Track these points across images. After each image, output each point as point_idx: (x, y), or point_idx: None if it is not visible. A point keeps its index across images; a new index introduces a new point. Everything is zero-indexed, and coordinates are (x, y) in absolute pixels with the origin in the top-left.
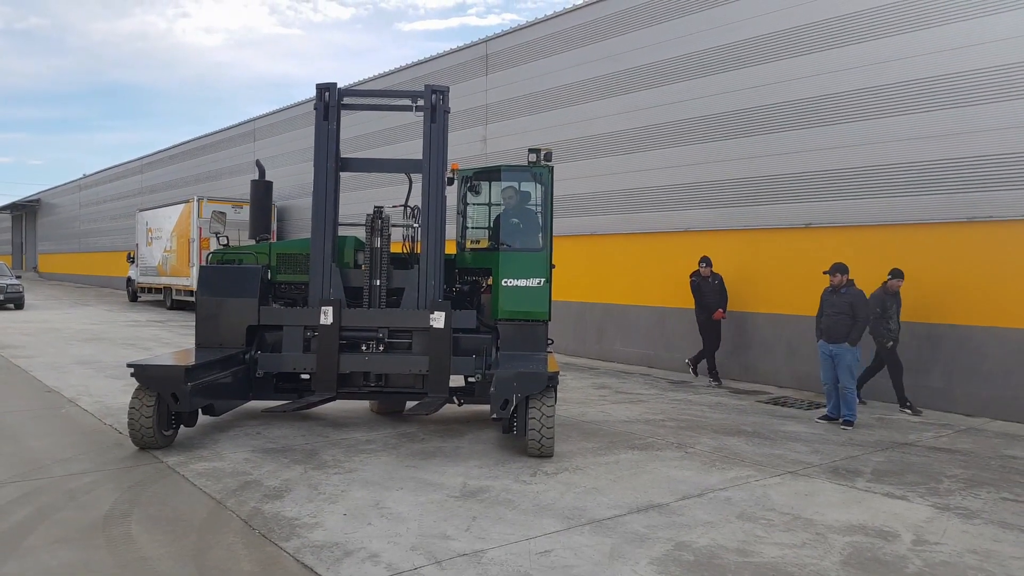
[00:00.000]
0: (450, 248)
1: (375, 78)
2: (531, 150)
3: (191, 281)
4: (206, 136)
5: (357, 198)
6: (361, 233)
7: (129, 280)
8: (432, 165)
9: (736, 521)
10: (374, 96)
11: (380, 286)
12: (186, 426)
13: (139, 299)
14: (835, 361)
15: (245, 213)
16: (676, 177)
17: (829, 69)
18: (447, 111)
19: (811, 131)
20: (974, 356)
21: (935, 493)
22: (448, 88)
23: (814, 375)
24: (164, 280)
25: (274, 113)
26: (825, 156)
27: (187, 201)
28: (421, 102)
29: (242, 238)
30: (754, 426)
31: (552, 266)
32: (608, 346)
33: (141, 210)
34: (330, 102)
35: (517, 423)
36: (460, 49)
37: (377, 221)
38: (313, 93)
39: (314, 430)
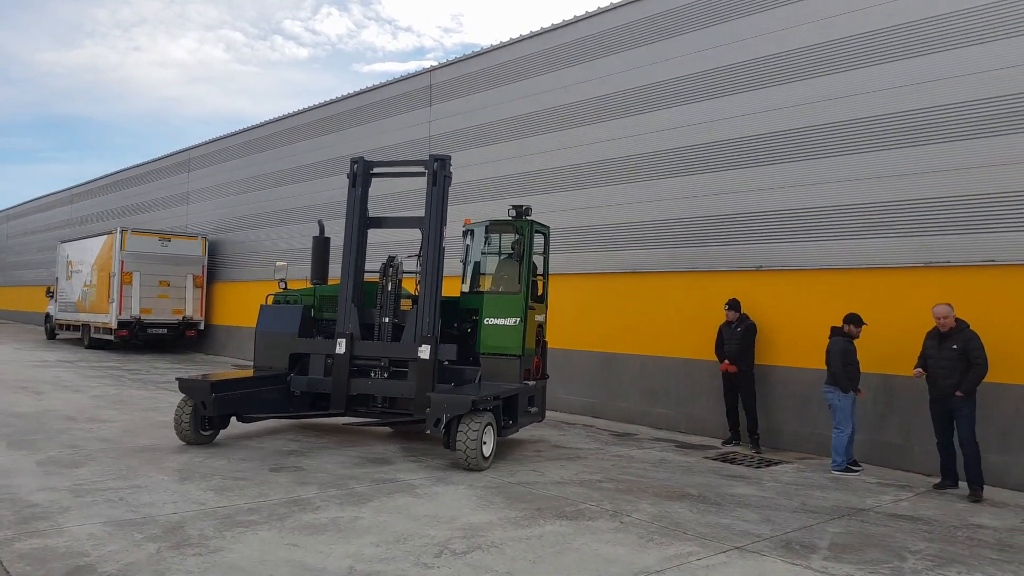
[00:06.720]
0: (456, 291)
1: (320, 106)
2: (513, 206)
3: (110, 318)
4: (139, 166)
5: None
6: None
7: (47, 316)
8: (431, 221)
9: None
10: (394, 165)
11: (388, 323)
12: (220, 429)
13: (57, 336)
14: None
15: (173, 247)
16: (622, 215)
17: (779, 106)
18: (447, 176)
19: (762, 169)
20: None
21: (900, 573)
22: (449, 156)
23: (764, 427)
24: (83, 316)
25: (209, 143)
26: (776, 196)
27: (110, 232)
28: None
29: (168, 273)
30: (700, 488)
31: (531, 306)
32: (550, 393)
33: (63, 242)
34: (359, 172)
35: (451, 439)
36: (405, 78)
37: (389, 268)
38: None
39: (191, 496)
